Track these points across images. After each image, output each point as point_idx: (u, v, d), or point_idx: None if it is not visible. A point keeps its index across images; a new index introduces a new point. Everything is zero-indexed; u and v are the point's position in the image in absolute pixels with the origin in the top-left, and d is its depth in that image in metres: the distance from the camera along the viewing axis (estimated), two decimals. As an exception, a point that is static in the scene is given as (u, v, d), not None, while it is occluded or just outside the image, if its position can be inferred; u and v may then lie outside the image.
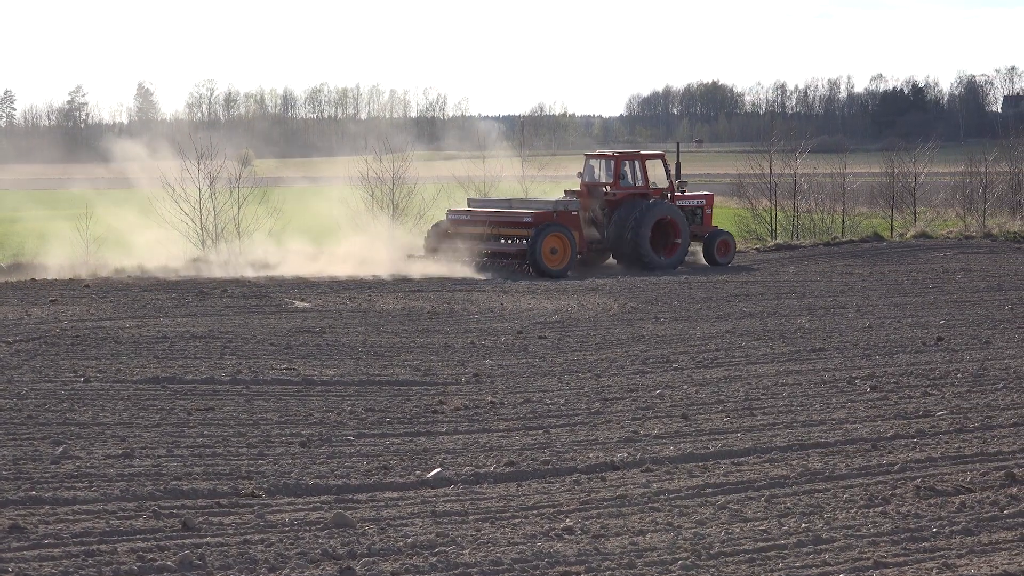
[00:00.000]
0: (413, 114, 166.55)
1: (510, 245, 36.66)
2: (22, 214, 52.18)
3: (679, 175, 39.78)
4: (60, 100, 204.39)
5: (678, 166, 40.04)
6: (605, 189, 38.32)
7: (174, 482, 13.29)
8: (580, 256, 36.78)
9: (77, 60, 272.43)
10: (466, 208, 38.52)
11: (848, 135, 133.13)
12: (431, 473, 13.80)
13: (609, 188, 38.28)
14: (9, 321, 25.49)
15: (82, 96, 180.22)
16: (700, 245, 39.13)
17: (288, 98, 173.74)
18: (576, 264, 36.43)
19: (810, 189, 49.32)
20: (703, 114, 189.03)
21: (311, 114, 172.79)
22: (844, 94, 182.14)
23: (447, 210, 38.79)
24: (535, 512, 12.47)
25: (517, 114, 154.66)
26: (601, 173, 38.96)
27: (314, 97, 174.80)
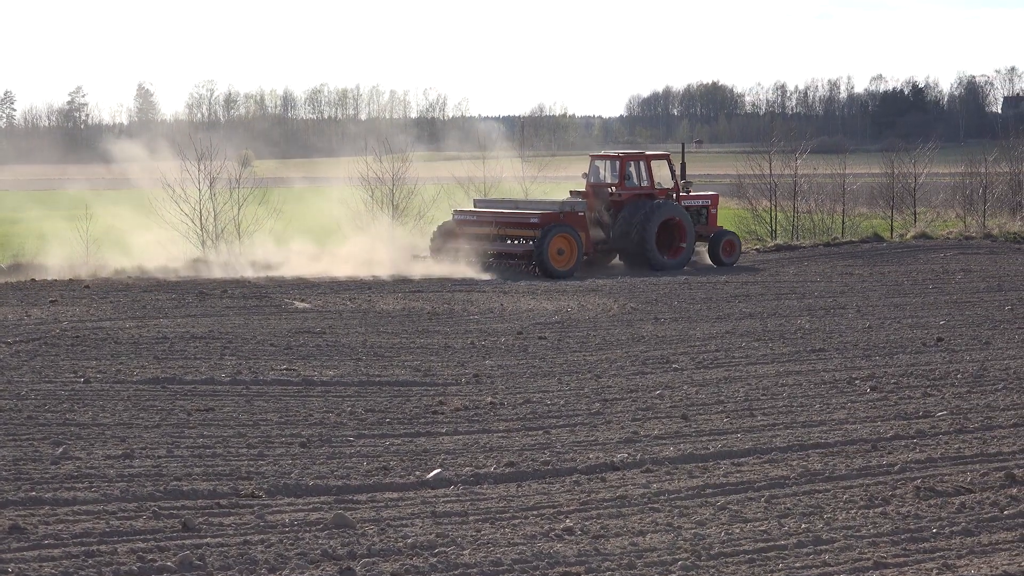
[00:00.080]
0: (413, 115, 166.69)
1: (517, 246, 36.65)
2: (22, 215, 52.15)
3: (684, 175, 39.79)
4: (60, 101, 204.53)
5: (683, 166, 40.02)
6: (610, 190, 38.34)
7: (174, 483, 13.29)
8: (586, 257, 36.80)
9: (77, 61, 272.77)
10: (472, 209, 38.49)
11: (848, 136, 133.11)
12: (431, 474, 13.81)
13: (614, 189, 38.30)
14: (9, 322, 25.50)
15: (82, 97, 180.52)
16: (705, 245, 39.20)
17: (288, 99, 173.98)
18: (582, 265, 36.46)
19: (810, 190, 49.31)
20: (703, 115, 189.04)
21: (311, 115, 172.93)
22: (844, 95, 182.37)
23: (453, 211, 38.74)
24: (535, 513, 12.47)
25: (517, 115, 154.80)
26: (606, 174, 38.96)
27: (314, 98, 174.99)
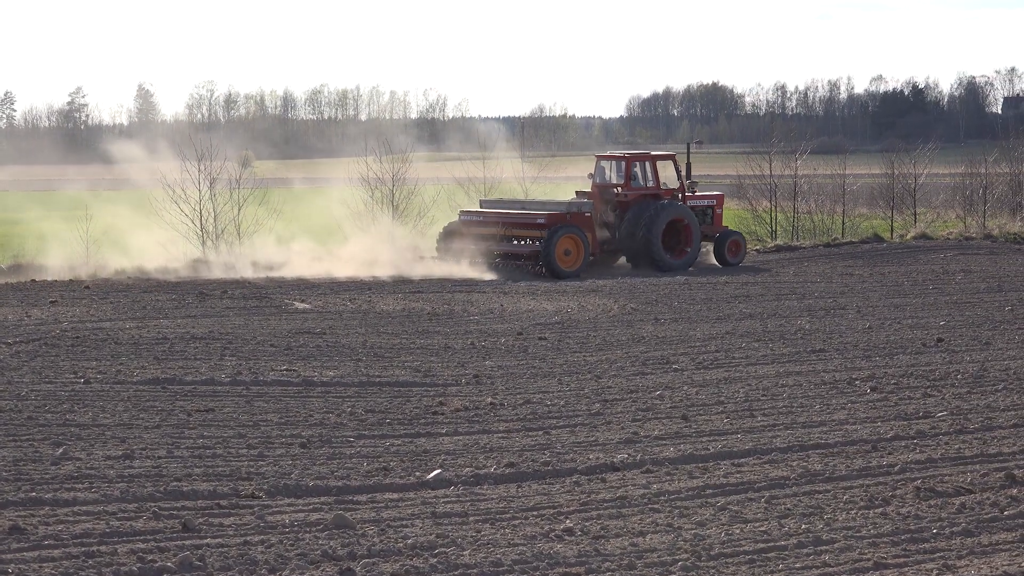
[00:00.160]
0: (413, 115, 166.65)
1: (523, 246, 36.68)
2: (22, 215, 52.15)
3: (689, 176, 39.82)
4: (60, 101, 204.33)
5: (688, 167, 40.03)
6: (616, 190, 38.39)
7: (174, 483, 13.30)
8: (592, 257, 36.83)
9: (77, 61, 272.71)
10: (478, 209, 38.51)
11: (848, 136, 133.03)
12: (431, 474, 13.81)
13: (620, 189, 38.36)
14: (9, 322, 25.50)
15: (82, 97, 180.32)
16: (711, 245, 39.25)
17: (288, 99, 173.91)
18: (589, 265, 36.50)
19: (810, 190, 49.32)
20: (703, 115, 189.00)
21: (311, 115, 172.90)
22: (844, 95, 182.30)
23: (459, 211, 38.79)
24: (535, 513, 12.47)
25: (517, 115, 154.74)
26: (612, 174, 39.00)
27: (314, 98, 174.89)
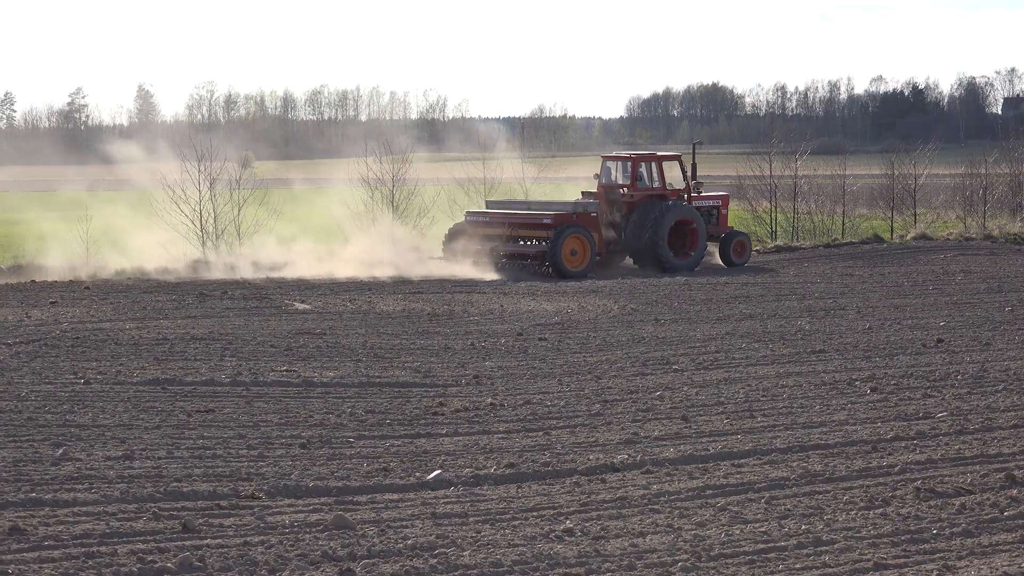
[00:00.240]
0: (413, 116, 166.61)
1: (530, 246, 36.74)
2: (22, 216, 52.14)
3: (695, 176, 39.86)
4: (60, 102, 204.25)
5: (694, 167, 40.06)
6: (623, 191, 38.45)
7: (174, 484, 13.30)
8: (599, 257, 36.88)
9: (77, 62, 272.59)
10: (484, 210, 38.55)
11: (848, 137, 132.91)
12: (431, 475, 13.81)
13: (627, 190, 38.41)
14: (9, 323, 25.50)
15: (82, 98, 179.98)
16: (716, 246, 39.31)
17: (288, 100, 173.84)
18: (595, 265, 36.55)
19: (810, 191, 49.34)
20: (703, 116, 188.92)
21: (311, 116, 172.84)
22: (844, 96, 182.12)
23: (465, 212, 38.86)
24: (535, 514, 12.47)
25: (517, 116, 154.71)
26: (618, 175, 39.07)
27: (314, 99, 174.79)
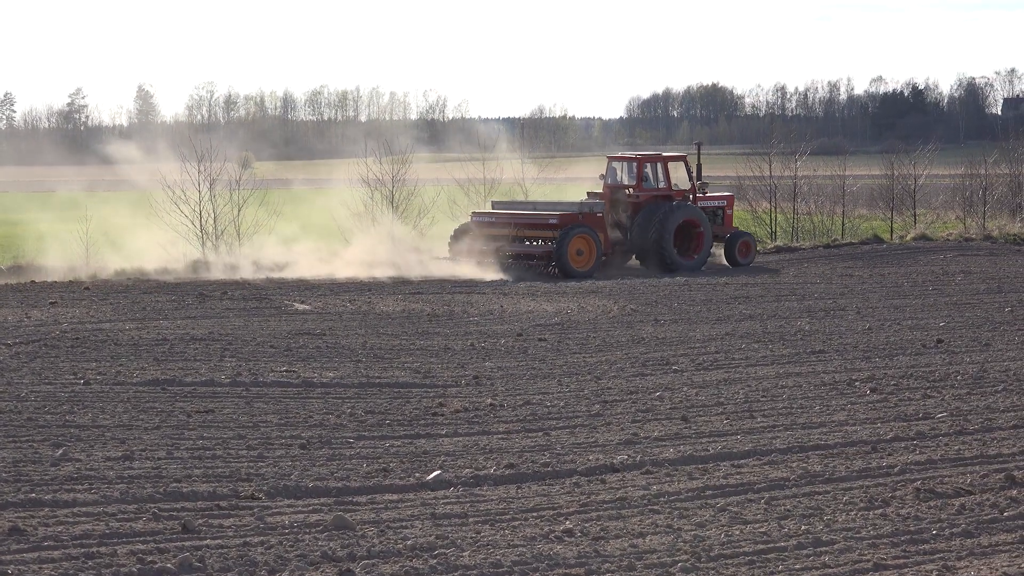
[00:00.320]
0: (413, 116, 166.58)
1: (536, 247, 36.79)
2: (22, 216, 52.13)
3: (700, 176, 39.90)
4: (60, 102, 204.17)
5: (699, 167, 40.10)
6: (628, 191, 38.49)
7: (174, 484, 13.30)
8: (604, 258, 36.92)
9: (77, 62, 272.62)
10: (490, 211, 38.59)
11: (848, 137, 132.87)
12: (431, 475, 13.80)
13: (632, 190, 38.45)
14: (9, 323, 25.50)
15: (82, 98, 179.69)
16: (721, 246, 39.35)
17: (288, 100, 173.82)
18: (601, 265, 36.58)
19: (810, 191, 49.35)
20: (703, 116, 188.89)
21: (311, 116, 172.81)
22: (844, 96, 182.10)
23: (471, 212, 38.94)
24: (535, 514, 12.47)
25: (517, 116, 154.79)
26: (624, 175, 39.13)
27: (314, 99, 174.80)
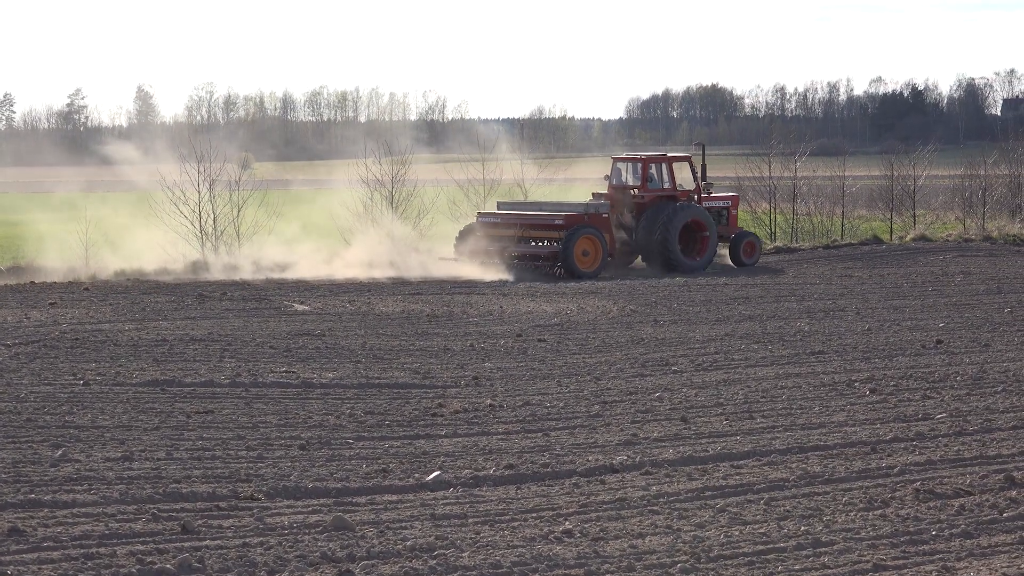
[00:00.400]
0: (412, 117, 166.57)
1: (542, 247, 36.82)
2: (22, 217, 52.12)
3: (705, 177, 39.93)
4: (59, 103, 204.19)
5: (703, 168, 40.14)
6: (633, 192, 38.52)
7: (173, 485, 13.29)
8: (610, 258, 36.96)
9: (76, 63, 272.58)
10: (496, 211, 38.62)
11: (847, 138, 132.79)
12: (430, 476, 13.80)
13: (637, 191, 38.49)
14: (8, 324, 25.50)
15: (81, 99, 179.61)
16: (726, 246, 39.40)
17: (287, 101, 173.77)
18: (606, 266, 36.62)
19: (809, 192, 49.37)
20: (702, 117, 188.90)
21: (310, 117, 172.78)
22: (843, 97, 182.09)
23: (477, 213, 38.99)
24: (534, 515, 12.47)
25: (516, 117, 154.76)
26: (629, 176, 39.17)
27: (313, 100, 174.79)
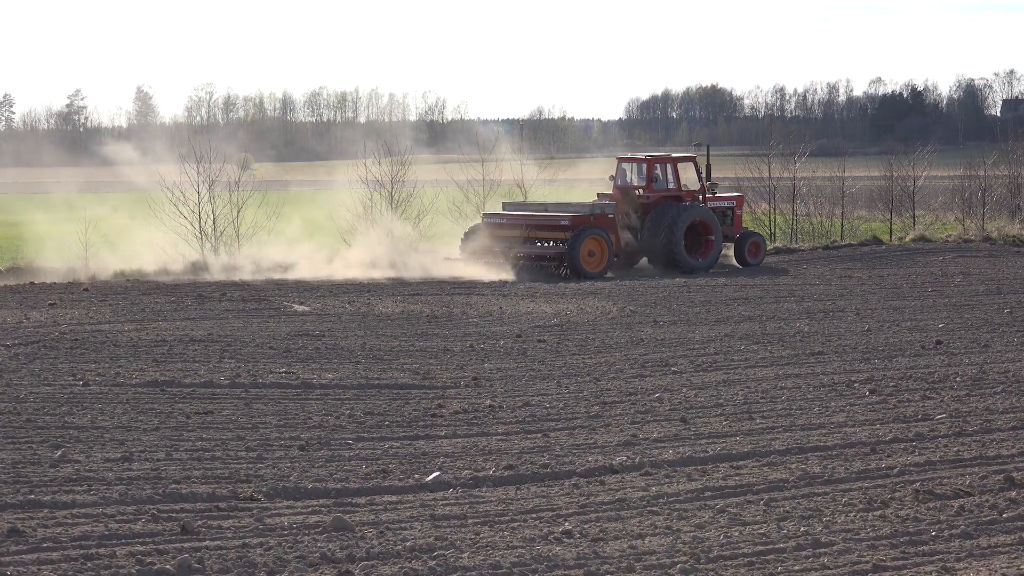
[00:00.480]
0: (412, 117, 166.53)
1: (548, 248, 36.86)
2: (21, 217, 52.12)
3: (709, 177, 39.95)
4: (59, 103, 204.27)
5: (708, 168, 40.15)
6: (638, 192, 38.56)
7: (173, 486, 13.29)
8: (616, 258, 36.99)
9: (76, 63, 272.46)
10: (501, 212, 38.64)
11: (847, 139, 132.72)
12: (430, 477, 13.81)
13: (642, 191, 38.53)
14: (8, 325, 25.49)
15: (81, 99, 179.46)
16: (731, 246, 39.44)
17: (287, 101, 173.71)
18: (611, 266, 36.66)
19: (809, 193, 49.37)
20: (702, 117, 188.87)
21: (310, 118, 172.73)
22: (843, 98, 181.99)
23: (483, 214, 39.02)
24: (534, 516, 12.47)
25: (516, 117, 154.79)
26: (633, 176, 39.21)
27: (313, 100, 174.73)
